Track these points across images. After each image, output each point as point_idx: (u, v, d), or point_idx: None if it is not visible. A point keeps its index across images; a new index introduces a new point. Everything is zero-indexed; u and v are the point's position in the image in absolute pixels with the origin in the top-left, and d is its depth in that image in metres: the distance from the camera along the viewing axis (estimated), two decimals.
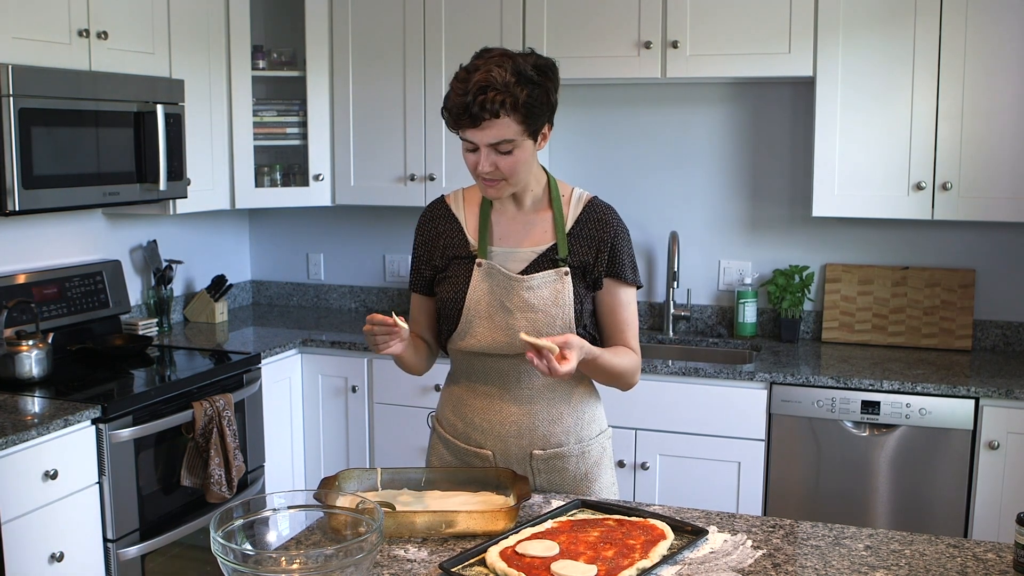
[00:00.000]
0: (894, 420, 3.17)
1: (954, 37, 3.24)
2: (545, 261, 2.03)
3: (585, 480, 2.10)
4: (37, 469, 2.60)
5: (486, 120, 1.88)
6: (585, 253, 2.05)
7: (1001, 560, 1.69)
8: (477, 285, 2.02)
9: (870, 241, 3.75)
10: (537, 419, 2.06)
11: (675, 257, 3.79)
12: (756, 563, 1.67)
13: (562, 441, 2.08)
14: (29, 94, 2.86)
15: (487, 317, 2.02)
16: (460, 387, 2.13)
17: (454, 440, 2.13)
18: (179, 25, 3.54)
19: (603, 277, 2.06)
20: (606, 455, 2.17)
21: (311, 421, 3.85)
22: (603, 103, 3.97)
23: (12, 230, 3.34)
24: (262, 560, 1.45)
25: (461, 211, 2.10)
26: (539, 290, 2.01)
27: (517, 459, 2.07)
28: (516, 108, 1.90)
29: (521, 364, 2.03)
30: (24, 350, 2.98)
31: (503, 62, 1.91)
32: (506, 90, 1.88)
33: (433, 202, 2.16)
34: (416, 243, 2.14)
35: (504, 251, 2.05)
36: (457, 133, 1.95)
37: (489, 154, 1.93)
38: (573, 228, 2.06)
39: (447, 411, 2.16)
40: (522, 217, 2.07)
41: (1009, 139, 3.24)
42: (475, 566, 1.64)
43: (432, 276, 2.12)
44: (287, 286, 4.57)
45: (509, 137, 1.91)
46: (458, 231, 2.08)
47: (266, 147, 4.10)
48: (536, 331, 1.98)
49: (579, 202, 2.09)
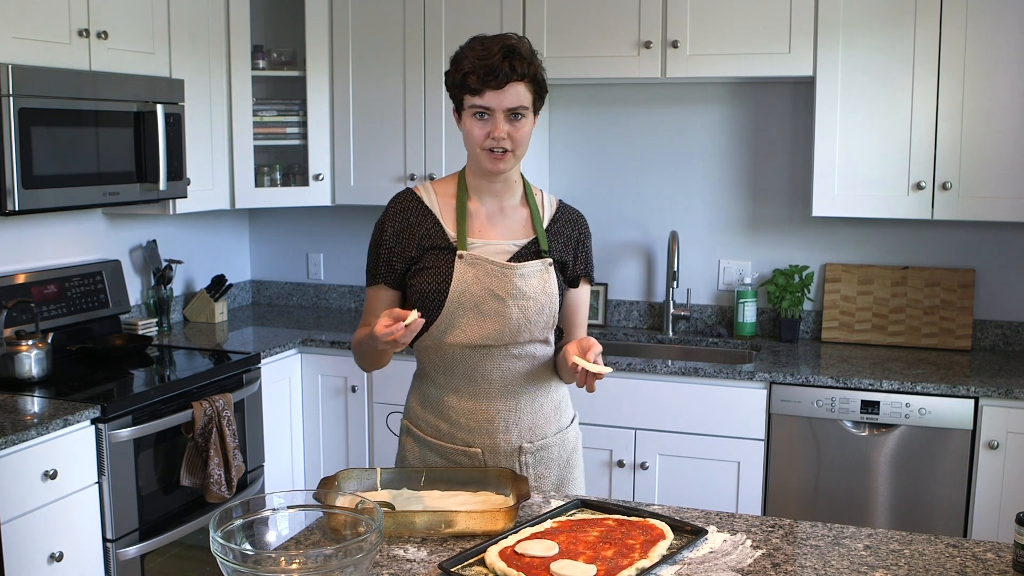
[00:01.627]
0: (894, 420, 3.17)
1: (954, 37, 3.24)
2: (528, 254, 2.06)
3: (567, 467, 2.16)
4: (37, 469, 2.60)
5: (511, 83, 1.94)
6: (562, 250, 2.11)
7: (1001, 560, 1.69)
8: (461, 276, 2.01)
9: (870, 241, 3.75)
10: (522, 412, 2.08)
11: (675, 257, 3.79)
12: (755, 563, 1.67)
13: (546, 432, 2.12)
14: (29, 94, 2.86)
15: (473, 307, 2.01)
16: (436, 388, 2.10)
17: (437, 441, 2.11)
18: (179, 25, 3.54)
19: (581, 276, 2.16)
20: (579, 440, 2.24)
21: (311, 421, 3.85)
22: (603, 103, 3.97)
23: (12, 230, 3.34)
24: (262, 560, 1.45)
25: (435, 203, 2.08)
26: (530, 279, 2.03)
27: (505, 454, 2.07)
28: (534, 79, 1.98)
29: (504, 359, 2.04)
30: (24, 350, 2.98)
31: (519, 38, 2.00)
32: (529, 58, 1.97)
33: (400, 193, 2.12)
34: (386, 234, 2.07)
35: (484, 243, 2.05)
36: (467, 99, 1.97)
37: (504, 121, 1.96)
38: (550, 225, 2.11)
39: (424, 413, 2.13)
40: (500, 212, 2.09)
41: (1009, 139, 3.24)
42: (474, 566, 1.64)
43: (405, 268, 2.07)
44: (287, 286, 4.57)
45: (526, 104, 1.97)
46: (434, 222, 2.06)
47: (266, 147, 4.10)
48: (527, 319, 2.02)
49: (551, 203, 2.16)
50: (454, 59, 2.01)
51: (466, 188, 2.08)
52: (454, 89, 2.01)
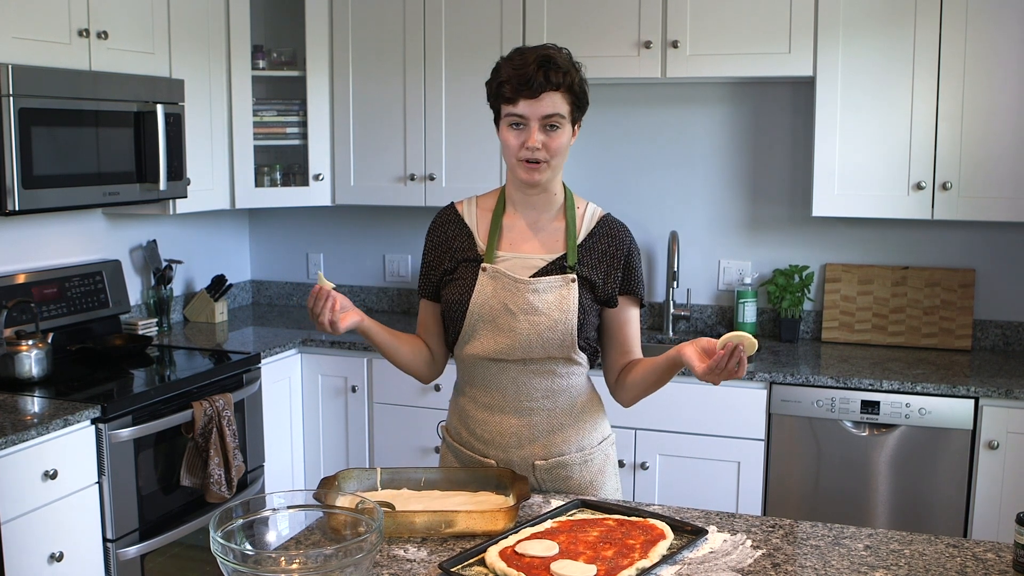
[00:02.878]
0: (894, 420, 3.17)
1: (954, 37, 3.24)
2: (554, 269, 2.04)
3: (590, 488, 2.10)
4: (37, 469, 2.60)
5: (547, 92, 1.94)
6: (595, 267, 2.06)
7: (1001, 560, 1.69)
8: (482, 288, 2.02)
9: (870, 241, 3.75)
10: (536, 430, 2.06)
11: (675, 257, 3.79)
12: (756, 563, 1.67)
13: (564, 450, 2.07)
14: (29, 94, 2.86)
15: (490, 320, 2.02)
16: (464, 398, 2.13)
17: (461, 448, 2.13)
18: (179, 25, 3.54)
19: (617, 295, 2.07)
20: (609, 462, 2.17)
21: (311, 421, 3.85)
22: (603, 103, 3.97)
23: (12, 230, 3.34)
24: (262, 560, 1.45)
25: (473, 216, 2.12)
26: (544, 294, 2.01)
27: (520, 469, 2.07)
28: (571, 89, 1.98)
29: (520, 374, 2.04)
30: (24, 350, 2.98)
31: (557, 49, 2.00)
32: (567, 67, 1.97)
33: (443, 208, 2.18)
34: (425, 248, 2.16)
35: (513, 256, 2.06)
36: (504, 108, 1.97)
37: (538, 130, 1.96)
38: (585, 241, 2.07)
39: (455, 420, 2.17)
40: (535, 225, 2.08)
41: (1009, 139, 3.24)
42: (475, 566, 1.64)
43: (439, 281, 2.12)
44: (287, 286, 4.57)
45: (561, 113, 1.97)
46: (468, 235, 2.10)
47: (266, 147, 4.10)
48: (538, 335, 1.99)
49: (592, 217, 2.11)
50: (494, 70, 2.02)
51: (504, 201, 2.10)
52: (492, 99, 2.02)
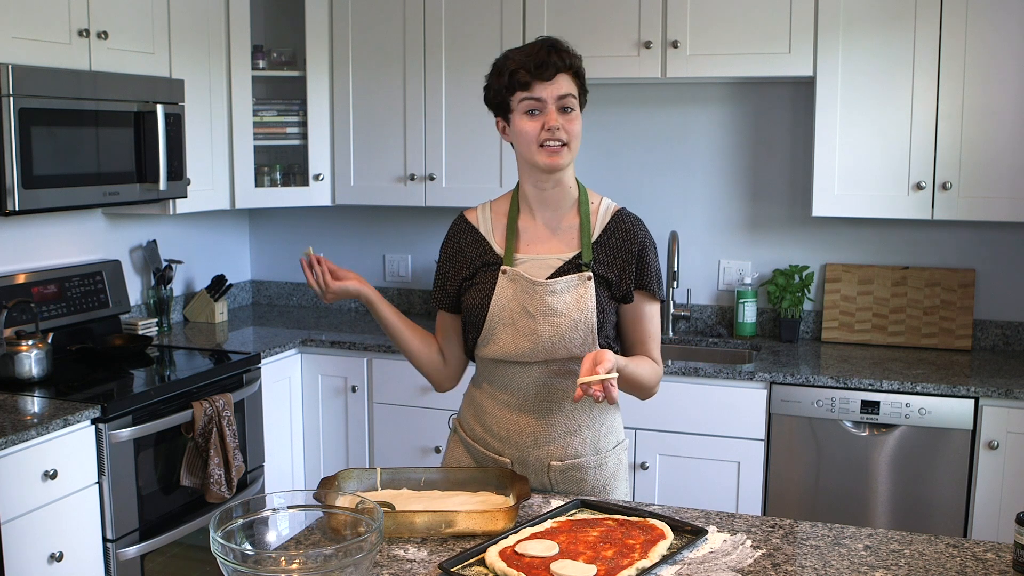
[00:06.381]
0: (894, 420, 3.17)
1: (954, 37, 3.24)
2: (570, 268, 2.04)
3: (603, 492, 2.10)
4: (37, 469, 2.60)
5: (560, 73, 1.99)
6: (610, 263, 2.05)
7: (1000, 560, 1.69)
8: (502, 292, 2.03)
9: (870, 241, 3.75)
10: (555, 431, 2.06)
11: (675, 257, 3.79)
12: (755, 563, 1.67)
13: (580, 452, 2.07)
14: (29, 94, 2.86)
15: (510, 323, 2.02)
16: (482, 392, 2.13)
17: (475, 444, 2.13)
18: (179, 25, 3.54)
19: (632, 290, 2.06)
20: (622, 467, 2.16)
21: (311, 421, 3.85)
22: (603, 103, 3.97)
23: (12, 230, 3.34)
24: (262, 560, 1.45)
25: (488, 222, 2.12)
26: (562, 294, 2.01)
27: (535, 469, 2.07)
28: (577, 73, 2.04)
29: (541, 375, 2.04)
30: (24, 350, 2.98)
31: (555, 38, 2.05)
32: (572, 52, 2.04)
33: (455, 219, 2.19)
34: (439, 260, 2.17)
35: (530, 258, 2.06)
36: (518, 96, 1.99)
37: (556, 113, 1.99)
38: (600, 237, 2.07)
39: (468, 415, 2.17)
40: (551, 224, 2.09)
41: (1009, 139, 3.24)
42: (475, 566, 1.64)
43: (457, 291, 2.12)
44: (287, 286, 4.57)
45: (574, 94, 2.02)
46: (482, 242, 2.10)
47: (266, 147, 4.10)
48: (560, 336, 1.99)
49: (607, 212, 2.11)
50: (495, 69, 2.04)
51: (518, 204, 2.10)
52: (501, 93, 2.02)
